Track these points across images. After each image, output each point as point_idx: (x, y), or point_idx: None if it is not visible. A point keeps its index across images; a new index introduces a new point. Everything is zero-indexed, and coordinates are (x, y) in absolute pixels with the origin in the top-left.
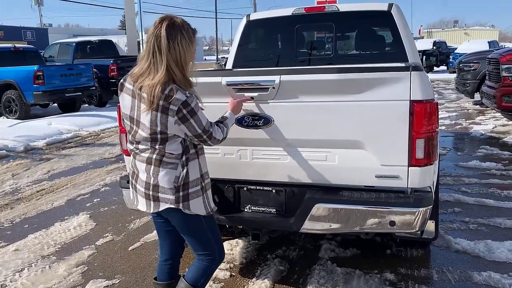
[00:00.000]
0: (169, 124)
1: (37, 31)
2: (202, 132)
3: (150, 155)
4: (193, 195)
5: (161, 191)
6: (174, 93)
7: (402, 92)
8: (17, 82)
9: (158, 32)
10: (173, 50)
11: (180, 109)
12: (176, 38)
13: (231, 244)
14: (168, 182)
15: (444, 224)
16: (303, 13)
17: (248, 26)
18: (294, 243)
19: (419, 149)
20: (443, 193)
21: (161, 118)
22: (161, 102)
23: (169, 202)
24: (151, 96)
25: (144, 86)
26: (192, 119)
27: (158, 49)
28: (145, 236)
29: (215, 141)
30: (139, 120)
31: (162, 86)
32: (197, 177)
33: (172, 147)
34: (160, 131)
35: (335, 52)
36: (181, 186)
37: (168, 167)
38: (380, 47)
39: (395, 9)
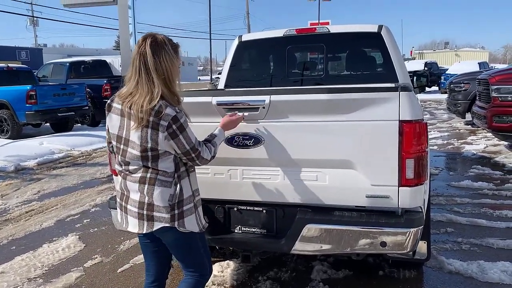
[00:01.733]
0: (160, 140)
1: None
2: (191, 150)
3: (144, 174)
4: (187, 212)
5: (156, 210)
6: (163, 109)
7: (391, 113)
8: (9, 102)
9: (142, 50)
10: (159, 66)
11: (170, 124)
12: (161, 54)
13: (222, 266)
14: (163, 200)
15: (437, 245)
16: (294, 34)
17: (240, 46)
18: (285, 265)
19: (409, 169)
20: (436, 213)
21: (151, 134)
22: (151, 118)
23: (164, 221)
24: (141, 112)
25: (133, 103)
26: (181, 135)
27: (144, 67)
28: (134, 258)
29: (203, 161)
30: (128, 139)
31: (151, 103)
32: (189, 194)
33: (165, 164)
34: (151, 148)
35: (326, 73)
36: (176, 204)
37: (162, 185)
38: (371, 68)
39: (385, 30)
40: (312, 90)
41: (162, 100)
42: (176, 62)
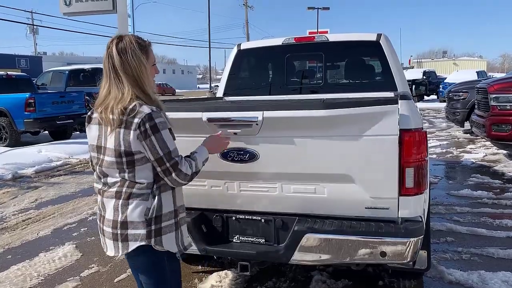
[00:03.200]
0: (132, 139)
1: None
2: (165, 157)
3: (119, 188)
4: (166, 229)
5: (131, 227)
6: (138, 107)
7: (390, 127)
8: (8, 110)
9: (110, 52)
10: (127, 66)
11: (143, 122)
12: (127, 53)
13: (220, 276)
14: (139, 215)
15: (437, 254)
16: (293, 43)
17: (239, 55)
18: (284, 275)
19: (409, 178)
20: (435, 222)
21: (124, 134)
22: (125, 117)
23: (139, 239)
24: (112, 114)
25: (106, 108)
26: (154, 137)
27: (113, 68)
28: None
29: (181, 175)
30: (105, 146)
31: (122, 103)
32: (170, 210)
33: (143, 174)
34: (124, 151)
35: (325, 81)
36: (154, 219)
37: (138, 198)
38: (370, 76)
39: (384, 39)
40: (307, 105)
41: (138, 100)
42: (144, 61)
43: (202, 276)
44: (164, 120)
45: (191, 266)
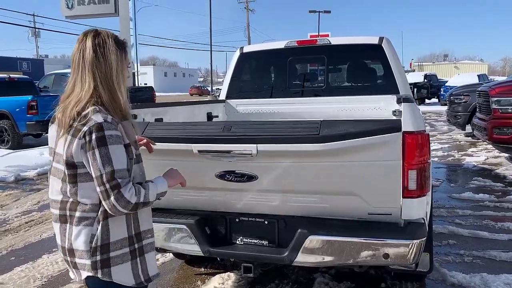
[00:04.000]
0: (75, 148)
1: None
2: (105, 176)
3: (62, 211)
4: (116, 260)
5: (77, 255)
6: (91, 114)
7: (394, 152)
8: (10, 112)
9: (82, 45)
10: (100, 63)
11: (90, 131)
12: (104, 48)
13: (223, 278)
14: (84, 243)
15: (439, 257)
16: (295, 46)
17: (241, 58)
18: (287, 277)
19: (412, 180)
20: (437, 225)
21: (69, 142)
22: (76, 123)
23: (86, 269)
24: (67, 116)
25: (65, 107)
26: (97, 150)
27: (82, 63)
28: None
29: (121, 202)
30: (55, 151)
31: (82, 104)
32: (122, 237)
33: (86, 193)
34: (66, 161)
35: (327, 84)
36: (99, 248)
37: (82, 223)
38: (372, 79)
39: (386, 42)
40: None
41: (102, 106)
42: (120, 61)
43: (205, 278)
44: (117, 134)
45: (193, 268)
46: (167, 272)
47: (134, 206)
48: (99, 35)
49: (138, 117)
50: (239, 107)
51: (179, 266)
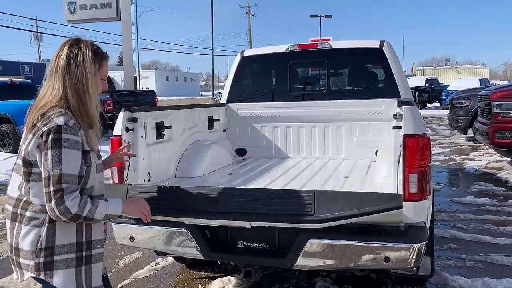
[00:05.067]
0: (31, 146)
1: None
2: (52, 178)
3: (15, 209)
4: (59, 264)
5: (21, 255)
6: (54, 116)
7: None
8: (11, 116)
9: (59, 52)
10: (72, 70)
11: (49, 132)
12: (78, 57)
13: (223, 282)
14: (30, 243)
15: (441, 261)
16: (297, 50)
17: (242, 62)
18: (288, 281)
19: (412, 184)
20: (439, 229)
21: (29, 140)
22: (39, 123)
23: (29, 269)
24: (32, 116)
25: (37, 107)
26: (50, 151)
27: (56, 68)
28: (135, 272)
29: (61, 208)
30: (20, 148)
31: (48, 107)
32: (69, 242)
33: (36, 192)
34: (23, 158)
35: (328, 88)
36: (43, 250)
37: (30, 224)
38: (373, 83)
39: (387, 46)
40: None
41: (67, 110)
42: (96, 72)
43: (205, 282)
44: (74, 139)
45: (194, 272)
46: (167, 276)
47: (74, 216)
48: (76, 44)
49: (139, 120)
50: (240, 111)
51: (179, 270)
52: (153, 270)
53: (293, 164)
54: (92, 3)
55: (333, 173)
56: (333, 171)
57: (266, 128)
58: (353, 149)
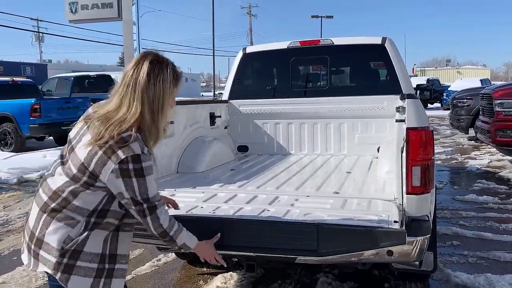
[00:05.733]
0: (105, 170)
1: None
2: (143, 200)
3: (50, 201)
4: (79, 270)
5: (44, 248)
6: (130, 140)
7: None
8: (13, 115)
9: (139, 66)
10: (151, 89)
11: (127, 161)
12: (158, 76)
13: (225, 277)
14: (58, 240)
15: (443, 257)
16: (298, 46)
17: (244, 59)
18: (290, 277)
19: (415, 177)
20: (441, 226)
21: (99, 159)
22: (111, 141)
23: (48, 265)
24: (104, 129)
25: (104, 116)
26: (135, 179)
27: (134, 85)
28: (137, 268)
29: (155, 223)
30: (74, 149)
31: (122, 125)
32: (96, 252)
33: (88, 198)
34: (90, 173)
35: (330, 84)
36: (70, 252)
37: (63, 221)
38: (375, 79)
39: (389, 42)
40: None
41: (139, 130)
42: (173, 92)
43: (207, 277)
44: (151, 165)
45: (196, 268)
46: (169, 272)
47: (163, 233)
48: (157, 61)
49: None
50: (241, 108)
51: (181, 266)
52: (154, 266)
53: (295, 161)
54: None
55: (335, 169)
56: (335, 167)
57: (268, 125)
58: (355, 146)
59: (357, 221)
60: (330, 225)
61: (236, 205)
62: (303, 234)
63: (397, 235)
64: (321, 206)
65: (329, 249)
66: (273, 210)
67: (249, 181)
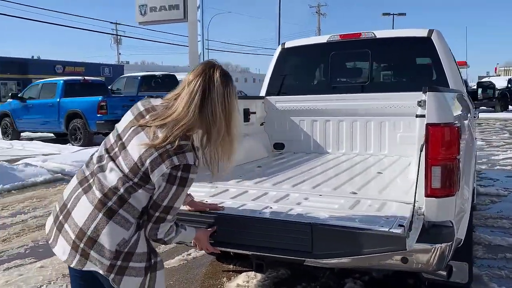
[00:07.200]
0: (157, 171)
1: (114, 67)
2: (163, 209)
3: (105, 199)
4: (131, 271)
5: (96, 249)
6: (186, 148)
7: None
8: (82, 112)
9: (211, 76)
10: (222, 100)
11: (179, 168)
12: (228, 86)
13: (249, 276)
14: (112, 242)
15: (491, 270)
16: (339, 40)
17: (282, 53)
18: (316, 280)
19: (435, 178)
20: (496, 236)
21: (154, 160)
22: (169, 146)
23: (99, 267)
24: (169, 133)
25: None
26: (174, 187)
27: (203, 92)
28: (165, 262)
29: (152, 231)
30: (126, 147)
31: (186, 132)
32: (144, 251)
33: (140, 197)
34: (142, 174)
35: (371, 80)
36: (124, 254)
37: (120, 223)
38: (419, 74)
39: (436, 35)
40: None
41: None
42: (237, 104)
43: (231, 275)
44: (194, 177)
45: (222, 265)
46: (196, 267)
47: (156, 240)
48: (226, 73)
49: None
50: (278, 104)
51: (208, 262)
52: (183, 260)
53: (329, 160)
54: (161, 5)
55: (366, 170)
56: (367, 167)
57: (304, 122)
58: (397, 145)
59: (357, 223)
60: (325, 225)
61: (241, 201)
62: (297, 234)
63: (396, 240)
64: (327, 206)
65: (324, 251)
66: (276, 207)
67: (268, 178)
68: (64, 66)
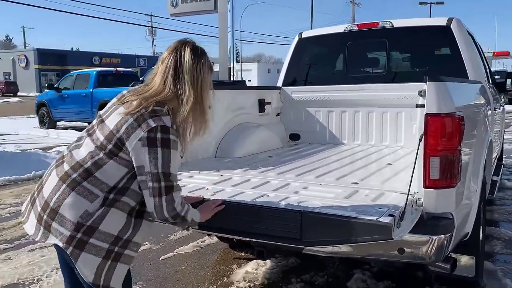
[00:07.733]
0: (133, 136)
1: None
2: (162, 175)
3: (71, 171)
4: (90, 248)
5: (58, 220)
6: (162, 113)
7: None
8: None
9: (181, 52)
10: (195, 72)
11: (156, 130)
12: (200, 61)
13: (258, 264)
14: (74, 213)
15: (506, 266)
16: (356, 29)
17: (299, 43)
18: (325, 269)
19: (434, 169)
20: (508, 231)
21: (129, 125)
22: (143, 110)
23: (59, 238)
24: (143, 101)
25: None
26: (160, 149)
27: (176, 66)
28: (179, 247)
29: (170, 205)
30: (104, 121)
31: (161, 101)
32: (111, 232)
33: (109, 171)
34: (116, 140)
35: (388, 70)
36: (85, 228)
37: (83, 194)
38: (438, 64)
39: (455, 23)
40: (286, 240)
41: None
42: (210, 78)
43: (242, 262)
44: (177, 141)
45: (234, 252)
46: (208, 253)
47: (176, 215)
48: (197, 47)
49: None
50: (294, 94)
51: (221, 249)
52: (197, 246)
53: (343, 151)
54: None
55: (375, 161)
56: (378, 158)
57: (320, 112)
58: (413, 137)
59: (348, 211)
60: (315, 213)
61: (240, 189)
62: (287, 221)
63: (382, 229)
64: (323, 195)
65: (313, 238)
66: (273, 195)
67: (274, 168)
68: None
